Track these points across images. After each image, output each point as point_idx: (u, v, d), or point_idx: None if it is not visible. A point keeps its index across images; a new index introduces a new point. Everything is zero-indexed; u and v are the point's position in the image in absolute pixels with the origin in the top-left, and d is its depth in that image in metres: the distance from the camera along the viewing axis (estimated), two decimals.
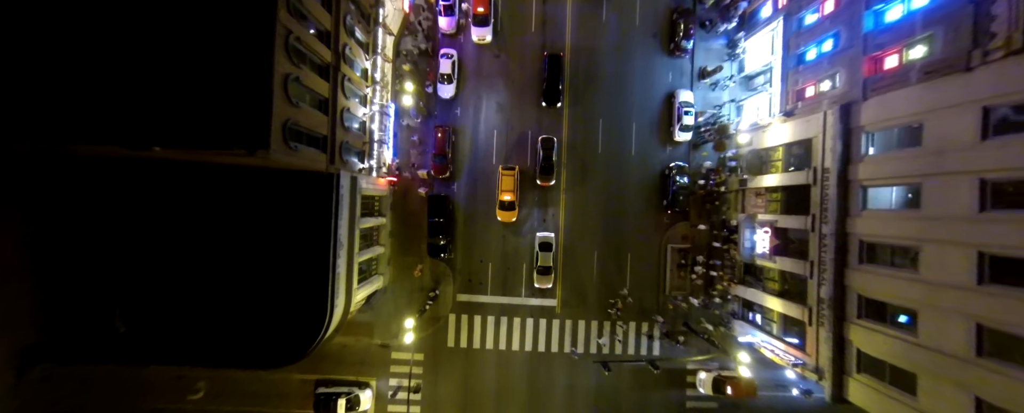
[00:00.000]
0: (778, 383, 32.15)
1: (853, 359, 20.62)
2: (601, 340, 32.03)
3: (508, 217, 31.89)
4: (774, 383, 31.88)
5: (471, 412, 32.53)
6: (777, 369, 30.61)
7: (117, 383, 31.99)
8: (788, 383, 32.10)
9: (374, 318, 32.52)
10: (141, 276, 19.95)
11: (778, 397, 32.78)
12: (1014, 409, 13.87)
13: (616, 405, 32.77)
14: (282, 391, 32.46)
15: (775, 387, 31.97)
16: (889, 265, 18.75)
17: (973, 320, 15.08)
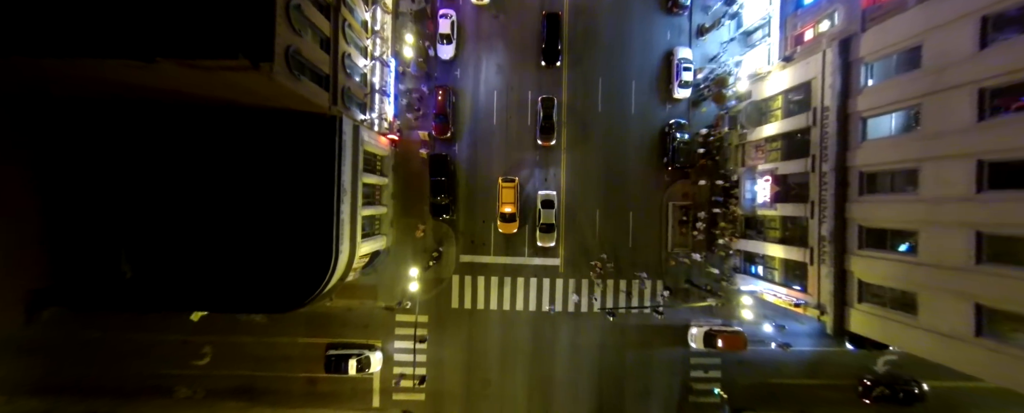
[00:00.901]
0: (756, 339, 32.65)
1: (854, 290, 20.92)
2: (575, 297, 32.13)
3: (509, 229, 31.83)
4: (753, 338, 32.37)
5: (476, 372, 32.83)
6: (756, 326, 31.50)
7: (124, 348, 32.15)
8: (766, 338, 32.76)
9: (377, 281, 32.62)
10: (147, 221, 19.93)
11: (760, 351, 33.36)
12: (1014, 308, 14.15)
13: (620, 364, 33.18)
14: (287, 354, 32.59)
15: (754, 342, 32.42)
16: (889, 191, 19.01)
17: (972, 229, 15.34)
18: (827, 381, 34.01)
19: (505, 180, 31.96)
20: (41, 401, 31.49)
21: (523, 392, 32.88)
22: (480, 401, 32.87)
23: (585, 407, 33.03)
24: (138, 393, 31.88)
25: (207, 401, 32.19)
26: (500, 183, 31.96)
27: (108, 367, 31.79)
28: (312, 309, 33.43)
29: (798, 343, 33.15)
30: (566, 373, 32.96)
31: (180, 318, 32.54)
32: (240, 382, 32.30)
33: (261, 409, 32.40)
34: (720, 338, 30.62)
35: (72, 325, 31.67)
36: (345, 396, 32.62)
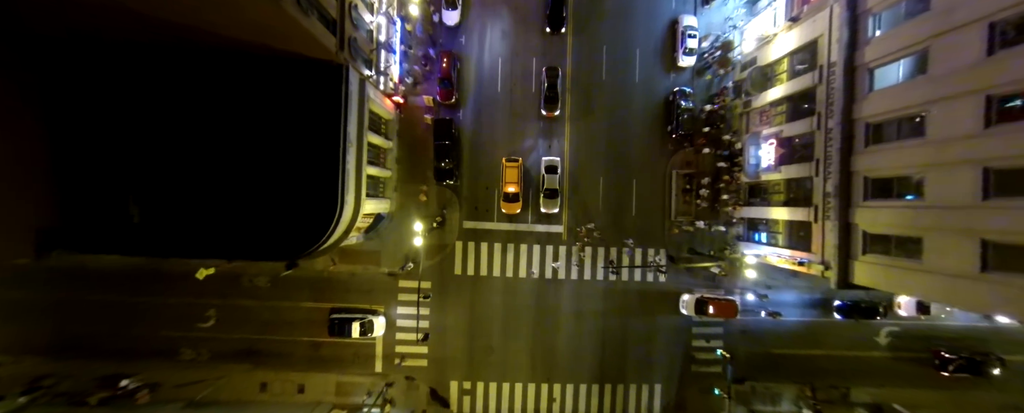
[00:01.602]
0: (748, 307, 32.88)
1: (858, 242, 20.91)
2: (555, 264, 32.16)
3: (513, 209, 31.79)
4: (745, 307, 32.60)
5: (479, 339, 32.94)
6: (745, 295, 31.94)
7: (129, 311, 32.35)
8: (754, 307, 32.96)
9: (381, 247, 32.72)
10: (155, 166, 20.01)
11: (760, 321, 33.43)
12: (1020, 239, 14.14)
13: (622, 332, 33.27)
14: (291, 319, 32.75)
15: (743, 312, 32.60)
16: (895, 139, 18.97)
17: (980, 165, 15.32)
18: (831, 352, 34.17)
19: (508, 159, 31.89)
20: (47, 362, 31.77)
21: (526, 359, 33.00)
22: (483, 368, 33.00)
23: (587, 374, 33.14)
24: (143, 355, 32.08)
25: (211, 363, 32.39)
26: (504, 163, 31.84)
27: (113, 329, 31.98)
28: (316, 274, 33.76)
29: (787, 313, 33.36)
30: (569, 340, 33.06)
31: (185, 281, 32.80)
32: (244, 345, 32.50)
33: (265, 372, 32.62)
34: (711, 305, 30.81)
35: (78, 288, 32.01)
36: (347, 361, 32.78)
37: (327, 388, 32.67)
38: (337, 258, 32.42)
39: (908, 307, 32.04)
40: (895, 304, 32.67)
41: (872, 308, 32.41)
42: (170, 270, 32.17)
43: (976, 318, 33.75)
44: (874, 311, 32.42)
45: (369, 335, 31.25)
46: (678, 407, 33.60)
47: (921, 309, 31.81)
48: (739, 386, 34.17)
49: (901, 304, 32.31)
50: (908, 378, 34.16)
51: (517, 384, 32.97)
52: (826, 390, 34.50)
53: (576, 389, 33.13)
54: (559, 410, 32.97)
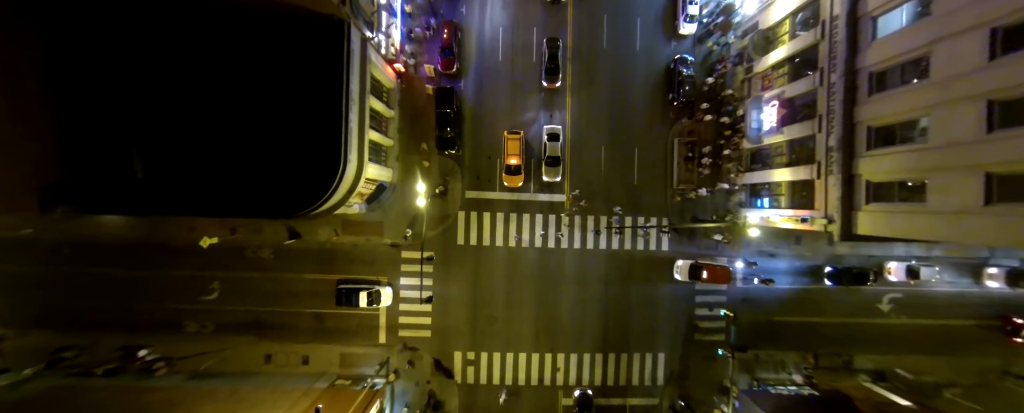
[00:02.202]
0: (739, 275, 32.88)
1: (861, 193, 20.95)
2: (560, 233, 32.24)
3: (514, 182, 31.71)
4: (740, 274, 32.77)
5: (481, 309, 33.00)
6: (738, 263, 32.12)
7: (133, 284, 32.32)
8: (747, 275, 33.05)
9: (383, 218, 32.74)
10: (158, 121, 20.00)
11: (762, 289, 33.26)
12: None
13: (626, 300, 33.31)
14: (294, 290, 32.78)
15: (738, 279, 32.80)
16: (899, 84, 18.97)
17: (984, 99, 15.33)
18: (834, 319, 34.25)
19: (510, 132, 31.92)
20: (51, 335, 31.83)
21: (529, 328, 33.07)
22: (486, 338, 33.07)
23: (591, 343, 33.23)
24: (147, 327, 32.11)
25: (216, 335, 32.43)
26: (505, 135, 31.86)
27: (117, 302, 32.01)
28: (319, 245, 33.80)
29: (780, 281, 33.30)
30: (572, 310, 33.11)
31: (188, 254, 32.89)
32: (248, 317, 32.54)
33: (269, 344, 32.67)
34: (705, 269, 30.90)
35: (81, 262, 32.04)
36: (351, 332, 32.85)
37: (331, 359, 32.74)
38: (340, 229, 32.46)
39: (898, 273, 32.18)
40: (885, 270, 32.79)
41: (862, 274, 32.48)
42: (173, 243, 32.22)
43: (966, 284, 34.13)
44: (864, 277, 32.47)
45: (376, 305, 31.31)
46: (682, 376, 33.70)
47: (910, 274, 31.95)
48: (742, 354, 34.28)
49: (891, 270, 32.44)
50: (911, 344, 34.49)
51: (521, 354, 33.06)
52: (829, 357, 34.69)
53: (580, 358, 33.23)
54: (563, 380, 33.11)
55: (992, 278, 32.89)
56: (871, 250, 33.71)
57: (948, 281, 33.49)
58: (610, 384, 33.54)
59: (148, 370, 31.16)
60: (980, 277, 33.42)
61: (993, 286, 32.94)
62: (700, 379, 33.80)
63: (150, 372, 31.10)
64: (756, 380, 33.50)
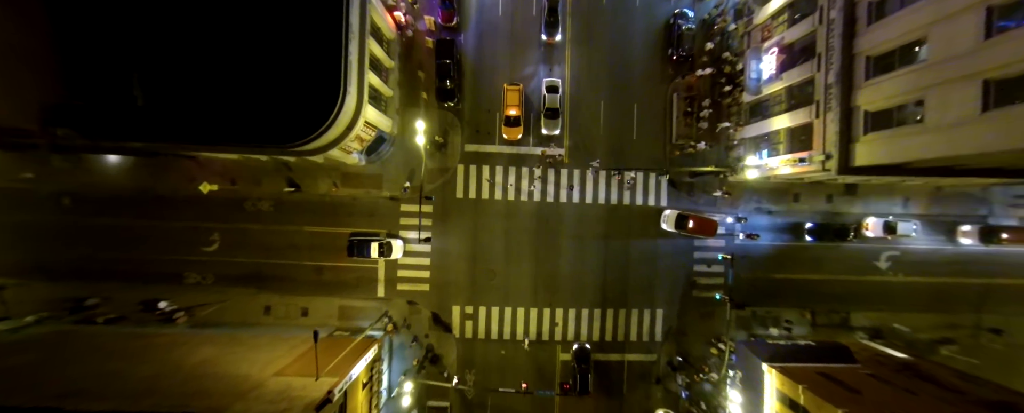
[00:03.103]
0: (727, 231, 33.07)
1: (859, 125, 21.06)
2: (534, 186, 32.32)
3: (513, 134, 31.73)
4: (723, 229, 32.84)
5: (480, 263, 33.12)
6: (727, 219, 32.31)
7: (133, 234, 32.51)
8: (732, 229, 33.13)
9: (382, 171, 32.84)
10: (159, 49, 20.09)
11: (759, 246, 33.36)
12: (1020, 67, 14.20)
13: (625, 256, 33.32)
14: (294, 243, 32.88)
15: (726, 235, 33.00)
16: (898, 8, 18.99)
17: (983, 7, 15.34)
18: (832, 276, 34.28)
19: (510, 84, 32.05)
20: (52, 284, 32.04)
21: (528, 283, 33.18)
22: (485, 292, 33.19)
23: (590, 298, 33.32)
24: (148, 278, 32.31)
25: (216, 287, 32.61)
26: (505, 87, 31.92)
27: (118, 253, 32.22)
28: (318, 198, 33.91)
29: (766, 237, 33.37)
30: (571, 264, 33.20)
31: (188, 205, 33.10)
32: (248, 269, 32.70)
33: (268, 295, 32.84)
34: (691, 219, 31.00)
35: (81, 212, 32.21)
36: (350, 285, 33.00)
37: (330, 312, 32.90)
38: (339, 181, 32.55)
39: (875, 228, 32.49)
40: (863, 226, 32.93)
41: (843, 229, 32.79)
42: (174, 194, 32.39)
43: (940, 241, 34.15)
44: (845, 232, 32.74)
45: (388, 257, 31.45)
46: (680, 332, 33.81)
47: (887, 230, 32.19)
48: (740, 311, 34.46)
49: (869, 226, 32.65)
50: (909, 302, 34.51)
51: (519, 308, 33.17)
52: (826, 314, 34.80)
53: (578, 313, 33.33)
54: (562, 335, 33.23)
55: (965, 235, 33.19)
56: (854, 208, 33.80)
57: (923, 241, 33.75)
58: (608, 340, 33.66)
59: (169, 320, 31.59)
60: (954, 235, 33.69)
61: (966, 243, 33.30)
62: (698, 335, 33.92)
63: (171, 321, 31.55)
64: (753, 337, 33.69)
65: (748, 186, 33.34)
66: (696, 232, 31.07)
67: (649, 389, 33.76)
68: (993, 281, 33.96)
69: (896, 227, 32.14)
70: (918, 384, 26.39)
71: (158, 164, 32.24)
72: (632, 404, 33.73)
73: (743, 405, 28.82)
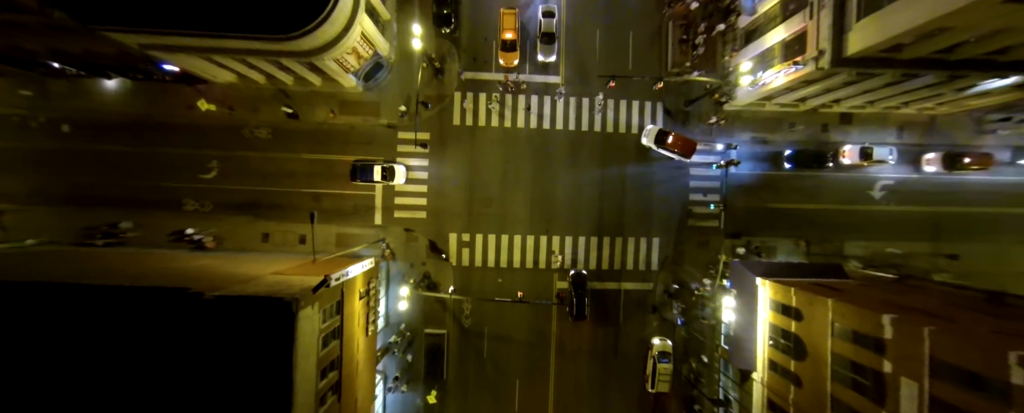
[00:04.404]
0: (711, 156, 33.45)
1: (852, 14, 21.19)
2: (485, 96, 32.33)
3: (510, 59, 31.85)
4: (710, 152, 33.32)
5: (478, 190, 33.30)
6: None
7: (132, 161, 32.64)
8: (712, 158, 33.40)
9: (380, 98, 32.97)
10: None
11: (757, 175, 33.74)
12: None
13: (620, 183, 33.39)
14: (292, 170, 33.03)
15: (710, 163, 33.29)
16: None
17: None
18: (826, 206, 34.43)
19: (507, 8, 32.11)
20: (52, 210, 32.18)
21: (524, 210, 33.37)
22: (481, 219, 33.39)
23: (586, 226, 33.54)
24: (147, 204, 32.49)
25: (214, 214, 32.79)
26: (502, 11, 31.97)
27: (117, 179, 32.37)
28: (316, 126, 34.02)
29: (747, 166, 33.70)
30: (567, 192, 33.39)
31: (186, 132, 33.19)
32: (246, 197, 32.88)
33: (266, 223, 33.02)
34: (671, 136, 31.26)
35: (80, 138, 32.33)
36: (347, 213, 33.19)
37: (328, 239, 33.10)
38: (336, 109, 32.68)
39: (852, 155, 32.85)
40: (841, 153, 33.23)
41: (820, 155, 33.17)
42: (172, 120, 32.51)
43: (909, 171, 34.23)
44: (822, 158, 33.11)
45: (391, 181, 31.64)
46: (676, 261, 34.04)
47: (863, 156, 32.53)
48: (736, 240, 34.78)
49: (846, 152, 33.02)
50: (902, 231, 34.71)
51: (516, 236, 33.39)
52: (821, 244, 35.04)
53: (575, 241, 33.54)
54: (558, 263, 33.48)
55: (929, 163, 33.62)
56: (850, 138, 33.82)
57: (917, 171, 34.02)
58: (605, 268, 33.91)
59: (200, 247, 32.00)
60: (919, 164, 34.04)
61: (930, 171, 33.72)
62: (695, 265, 34.17)
63: (203, 248, 31.94)
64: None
65: (743, 116, 33.66)
66: (675, 148, 31.20)
67: (645, 318, 34.05)
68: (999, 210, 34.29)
69: (872, 153, 32.50)
70: (907, 288, 26.77)
71: (156, 90, 32.39)
72: (628, 332, 34.01)
73: (736, 309, 29.01)
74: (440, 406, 33.16)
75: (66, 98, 32.01)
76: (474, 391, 33.58)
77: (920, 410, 17.02)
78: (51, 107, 32.22)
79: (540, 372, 33.71)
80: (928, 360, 16.81)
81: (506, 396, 33.71)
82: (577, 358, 33.76)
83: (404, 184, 32.58)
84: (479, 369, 33.67)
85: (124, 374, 18.62)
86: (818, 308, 23.15)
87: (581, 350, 33.78)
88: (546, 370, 33.73)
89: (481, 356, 33.59)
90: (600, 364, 33.77)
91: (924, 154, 33.83)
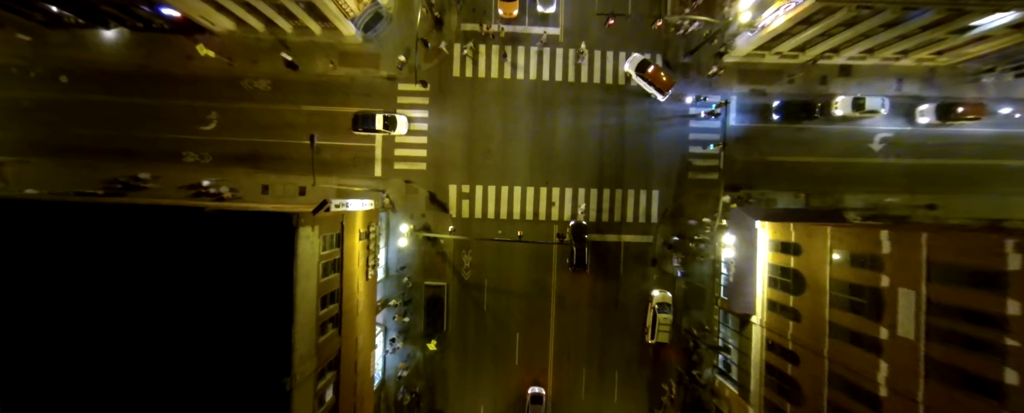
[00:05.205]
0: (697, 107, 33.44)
1: None
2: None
3: (510, 9, 31.71)
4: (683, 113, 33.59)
5: (477, 143, 33.33)
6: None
7: (131, 113, 32.60)
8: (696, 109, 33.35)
9: (380, 49, 32.95)
10: None
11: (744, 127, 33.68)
12: None
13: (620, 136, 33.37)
14: (292, 122, 33.00)
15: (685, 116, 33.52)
16: None
17: None
18: (826, 159, 34.41)
19: None
20: (52, 161, 32.17)
21: (524, 162, 33.38)
22: (481, 171, 33.41)
23: (586, 178, 33.56)
24: (146, 156, 32.48)
25: (214, 166, 32.77)
26: None
27: (116, 130, 32.35)
28: (316, 77, 33.96)
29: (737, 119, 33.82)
30: (567, 143, 33.40)
31: (185, 83, 33.14)
32: (246, 148, 32.86)
33: (266, 175, 33.02)
34: (652, 66, 31.39)
35: (78, 89, 32.29)
36: (347, 164, 33.19)
37: (328, 194, 33.05)
38: (336, 60, 32.66)
39: (844, 106, 32.77)
40: (833, 104, 33.16)
41: (807, 105, 33.08)
42: (171, 71, 32.47)
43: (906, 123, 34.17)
44: (810, 108, 33.04)
45: (392, 131, 31.62)
46: (676, 213, 34.11)
47: (856, 107, 32.50)
48: (735, 193, 34.85)
49: (838, 103, 32.95)
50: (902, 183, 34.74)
51: (516, 187, 33.43)
52: (820, 196, 35.08)
53: (575, 193, 33.58)
54: (558, 214, 33.52)
55: (923, 114, 33.54)
56: (849, 90, 33.63)
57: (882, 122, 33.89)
58: (605, 220, 33.99)
59: (219, 199, 32.08)
60: (913, 116, 33.95)
61: (924, 122, 33.63)
62: (694, 216, 34.20)
63: (221, 200, 32.02)
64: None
65: (743, 66, 33.64)
66: (653, 80, 31.29)
67: (645, 270, 34.09)
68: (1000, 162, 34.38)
69: (864, 103, 32.50)
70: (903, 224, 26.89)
71: (155, 41, 32.33)
72: (628, 285, 34.07)
73: (736, 245, 29.11)
74: (440, 358, 33.35)
75: (65, 48, 31.93)
76: (474, 343, 33.68)
77: (917, 317, 17.13)
78: (50, 57, 32.12)
79: (540, 325, 33.82)
80: (925, 266, 16.91)
81: (506, 349, 33.83)
82: (577, 311, 33.86)
83: (405, 135, 32.64)
84: (479, 322, 33.76)
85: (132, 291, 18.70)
86: (817, 239, 23.24)
87: (581, 303, 33.87)
88: (546, 323, 33.85)
89: (481, 309, 33.69)
90: (600, 317, 33.85)
91: (917, 107, 33.75)
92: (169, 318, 18.59)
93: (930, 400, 16.66)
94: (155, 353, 18.65)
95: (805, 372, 23.75)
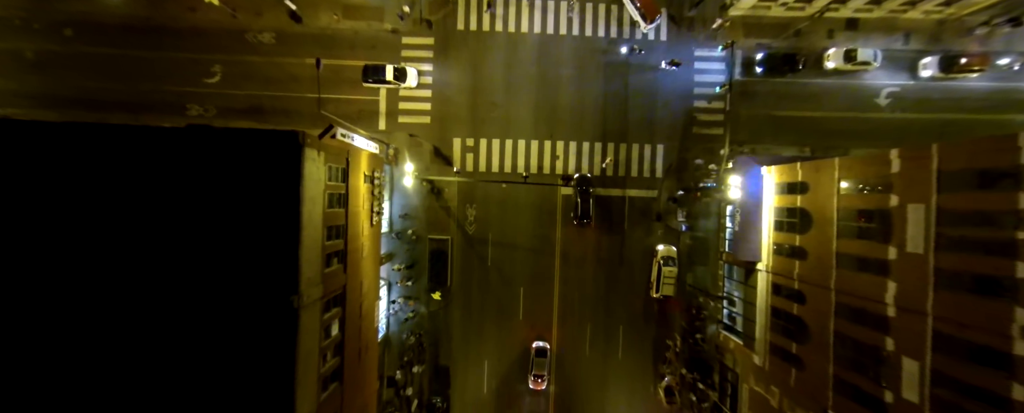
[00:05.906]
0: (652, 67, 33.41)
1: None
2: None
3: None
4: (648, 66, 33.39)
5: (482, 96, 33.26)
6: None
7: (135, 66, 32.58)
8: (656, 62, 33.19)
9: (383, 2, 32.90)
10: None
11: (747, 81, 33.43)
12: None
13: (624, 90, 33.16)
14: (296, 75, 32.95)
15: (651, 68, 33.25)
16: None
17: None
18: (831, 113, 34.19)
19: None
20: (56, 113, 32.14)
21: (529, 115, 33.32)
22: (486, 124, 33.35)
23: (590, 132, 33.47)
24: (150, 109, 32.47)
25: (218, 119, 32.72)
26: None
27: (120, 83, 32.33)
28: (320, 30, 33.87)
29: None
30: (571, 97, 33.32)
31: (189, 36, 32.99)
32: (250, 102, 32.83)
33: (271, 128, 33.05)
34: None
35: (81, 42, 32.24)
36: (351, 118, 33.04)
37: None
38: (340, 13, 32.60)
39: (836, 58, 32.56)
40: (825, 57, 32.90)
41: (790, 57, 32.76)
42: (174, 24, 32.42)
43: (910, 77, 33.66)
44: (792, 60, 32.72)
45: (402, 82, 31.61)
46: (680, 168, 34.03)
47: (848, 59, 32.29)
48: (739, 148, 34.74)
49: (830, 55, 32.73)
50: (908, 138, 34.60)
51: (520, 141, 33.36)
52: (825, 151, 34.98)
53: (579, 146, 33.50)
54: (562, 168, 33.46)
55: (926, 67, 33.17)
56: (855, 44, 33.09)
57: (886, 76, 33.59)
58: (610, 174, 33.93)
59: None
60: (916, 70, 33.56)
61: (926, 75, 33.19)
62: (698, 172, 34.13)
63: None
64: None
65: (748, 19, 33.43)
66: (638, 2, 31.26)
67: (650, 225, 34.01)
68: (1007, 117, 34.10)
69: (856, 54, 32.27)
70: None
71: None
72: (633, 240, 34.01)
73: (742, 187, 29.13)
74: (444, 313, 33.36)
75: (67, 0, 31.97)
76: (478, 299, 33.67)
77: (927, 230, 17.07)
78: (53, 10, 32.15)
79: (545, 280, 33.77)
80: (936, 177, 16.83)
81: (511, 304, 33.84)
82: (582, 266, 33.81)
83: (413, 87, 32.58)
84: (483, 277, 33.75)
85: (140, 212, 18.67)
86: (825, 173, 23.18)
87: (586, 258, 33.82)
88: (551, 278, 33.81)
89: (485, 263, 33.67)
90: (605, 272, 33.79)
91: (920, 60, 33.33)
92: (177, 239, 18.58)
93: (939, 309, 16.60)
94: (163, 272, 18.66)
95: (811, 308, 23.69)
